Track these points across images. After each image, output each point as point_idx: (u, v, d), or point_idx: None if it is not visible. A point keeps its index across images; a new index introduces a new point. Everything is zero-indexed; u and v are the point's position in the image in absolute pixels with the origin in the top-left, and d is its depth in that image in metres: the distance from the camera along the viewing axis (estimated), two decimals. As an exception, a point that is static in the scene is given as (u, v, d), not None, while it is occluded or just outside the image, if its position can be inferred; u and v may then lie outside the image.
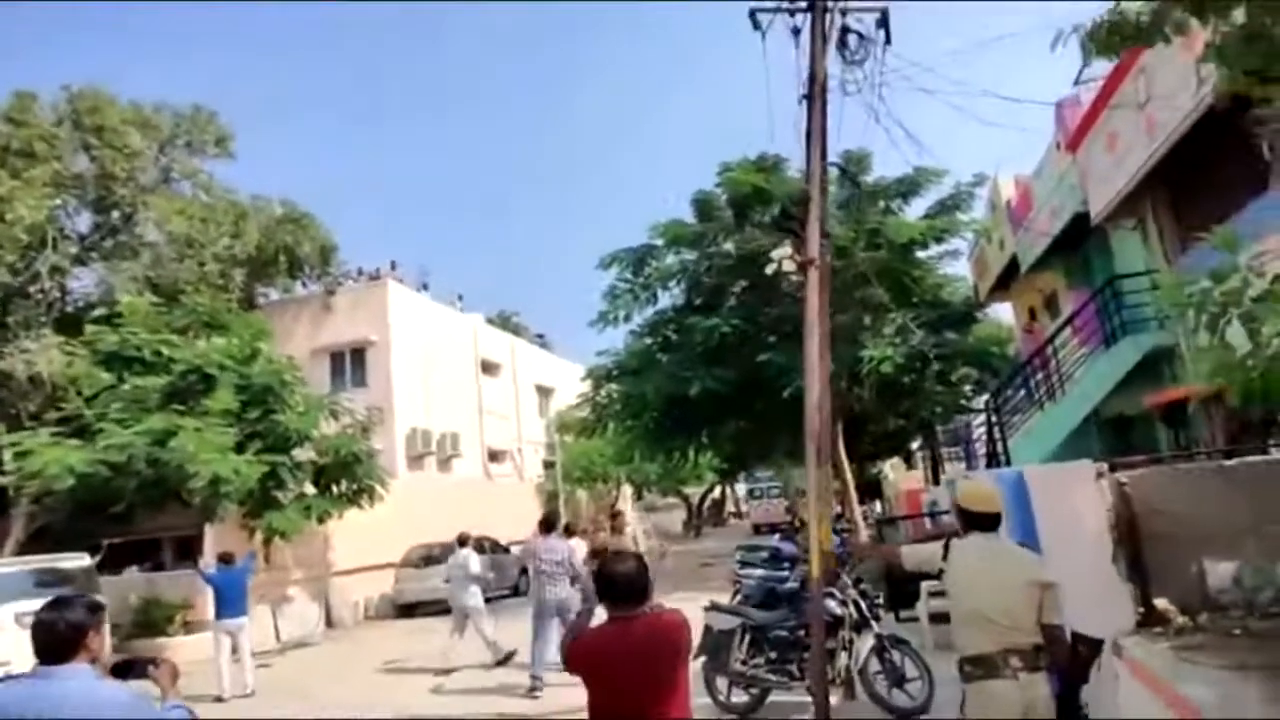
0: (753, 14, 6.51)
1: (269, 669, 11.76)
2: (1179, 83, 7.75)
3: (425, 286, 25.88)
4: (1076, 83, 11.29)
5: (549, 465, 29.95)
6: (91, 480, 12.22)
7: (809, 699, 6.35)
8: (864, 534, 15.34)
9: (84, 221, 18.85)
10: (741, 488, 58.37)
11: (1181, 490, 4.93)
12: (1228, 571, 4.53)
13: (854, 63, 6.48)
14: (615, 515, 11.99)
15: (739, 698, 6.60)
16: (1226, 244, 3.52)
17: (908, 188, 16.21)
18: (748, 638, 6.54)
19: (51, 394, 17.30)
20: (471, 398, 26.17)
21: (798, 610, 6.61)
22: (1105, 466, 4.89)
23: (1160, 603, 4.60)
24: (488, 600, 11.17)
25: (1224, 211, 8.75)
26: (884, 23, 6.45)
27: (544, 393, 32.54)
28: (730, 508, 56.84)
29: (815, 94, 6.13)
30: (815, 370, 6.02)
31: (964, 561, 3.56)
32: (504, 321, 39.77)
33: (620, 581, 2.71)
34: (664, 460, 28.19)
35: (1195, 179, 9.39)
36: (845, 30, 6.44)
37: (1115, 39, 4.56)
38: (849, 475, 17.90)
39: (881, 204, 16.58)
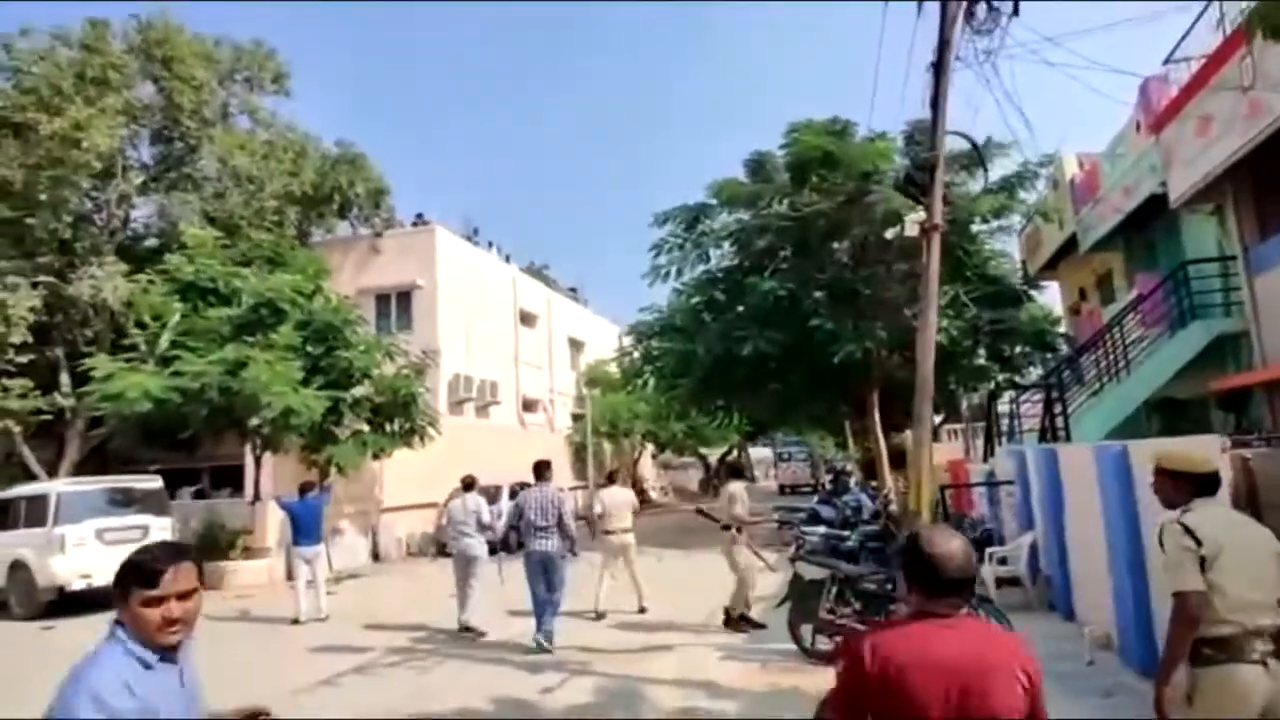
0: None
1: (334, 596, 12.25)
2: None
3: (475, 233, 25.98)
4: (1166, 62, 11.19)
5: (577, 418, 30.38)
6: (166, 406, 12.58)
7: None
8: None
9: (147, 151, 19.01)
10: (754, 451, 58.93)
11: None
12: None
13: (981, 32, 6.52)
14: (612, 475, 10.68)
15: (824, 646, 6.91)
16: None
17: (974, 159, 16.09)
18: (835, 589, 6.82)
19: (112, 320, 17.73)
20: (509, 347, 26.46)
21: (884, 562, 6.88)
22: (1228, 442, 5.07)
23: None
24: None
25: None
26: (1014, -7, 6.46)
27: (576, 346, 32.83)
28: (746, 471, 57.33)
29: (945, 62, 6.19)
30: (931, 335, 6.17)
31: (1208, 531, 2.94)
32: (536, 274, 39.90)
33: (945, 565, 1.93)
34: (696, 419, 28.60)
35: (1284, 166, 9.37)
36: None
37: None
38: (882, 443, 18.16)
39: (945, 179, 16.51)
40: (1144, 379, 11.48)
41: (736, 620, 8.45)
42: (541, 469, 8.57)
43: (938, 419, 26.26)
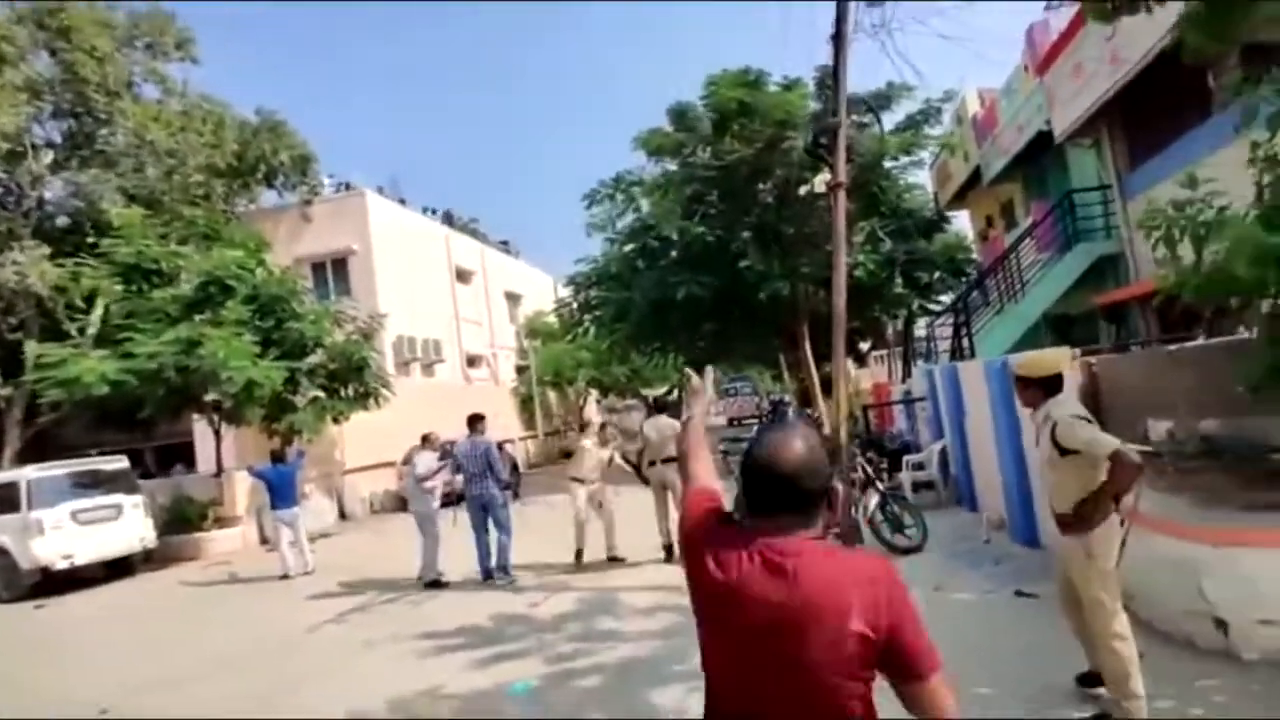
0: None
1: (313, 554, 12.92)
2: (1143, 21, 8.83)
3: (402, 201, 26.01)
4: (1047, 8, 12.26)
5: (520, 370, 31.07)
6: (123, 388, 12.82)
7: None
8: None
9: (53, 128, 18.43)
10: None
11: (1133, 370, 6.35)
12: (1164, 428, 5.99)
13: (874, 3, 7.37)
14: (583, 425, 10.74)
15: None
16: (1190, 182, 4.72)
17: (880, 102, 17.09)
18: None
19: (39, 306, 17.51)
20: (447, 305, 26.80)
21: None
22: (1078, 352, 6.23)
23: (1114, 453, 6.04)
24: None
25: (1169, 134, 10.07)
26: (901, -31, 7.31)
27: (513, 299, 33.27)
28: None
29: (843, 34, 7.05)
30: (842, 274, 7.15)
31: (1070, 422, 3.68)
32: (466, 229, 39.82)
33: (760, 474, 1.55)
34: (637, 362, 29.64)
35: (1148, 105, 10.62)
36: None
37: (1106, 5, 5.63)
38: (814, 373, 19.50)
39: (854, 118, 17.48)
40: (1037, 298, 12.87)
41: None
42: (474, 421, 9.19)
43: (865, 346, 27.97)
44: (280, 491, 11.09)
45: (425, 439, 10.29)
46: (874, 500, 7.74)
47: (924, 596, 6.25)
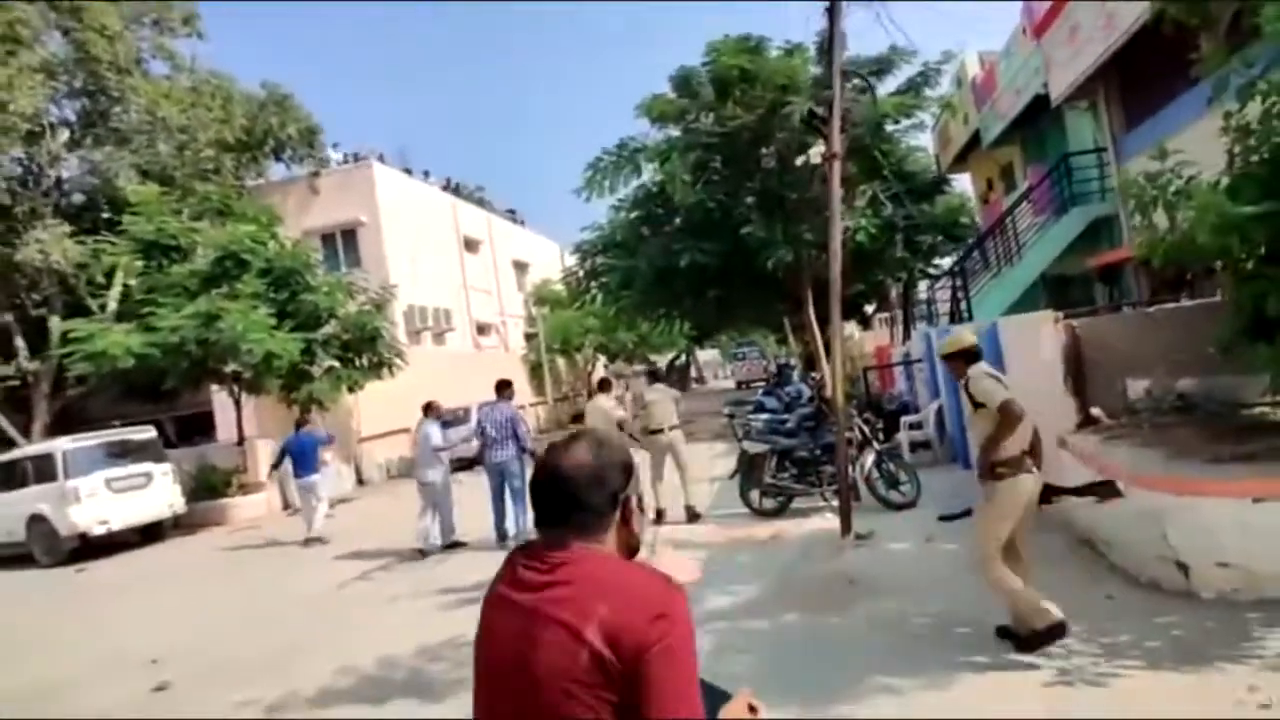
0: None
1: (333, 519, 13.47)
2: (1135, -13, 8.98)
3: (408, 171, 26.19)
4: (1045, -29, 12.32)
5: (529, 337, 31.47)
6: (148, 360, 13.27)
7: (820, 503, 8.27)
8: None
9: (68, 106, 18.74)
10: (702, 354, 61.15)
11: (1114, 331, 6.68)
12: (1141, 386, 6.34)
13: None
14: (604, 383, 10.39)
15: (769, 505, 8.46)
16: (1161, 154, 5.00)
17: (881, 66, 17.14)
18: (775, 458, 8.34)
19: (61, 282, 17.96)
20: (456, 274, 27.13)
21: (816, 435, 8.40)
22: (1060, 315, 6.56)
23: (1094, 411, 6.41)
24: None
25: (1163, 98, 10.24)
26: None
27: (520, 268, 33.55)
28: (694, 373, 59.51)
29: (838, 9, 7.27)
30: (837, 243, 7.46)
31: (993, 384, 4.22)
32: (473, 198, 39.97)
33: (535, 484, 1.46)
34: (645, 328, 29.98)
35: (1142, 68, 10.76)
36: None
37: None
38: (818, 336, 19.82)
39: (855, 82, 17.53)
40: (1033, 261, 13.13)
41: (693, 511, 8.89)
42: (501, 387, 9.29)
43: (870, 309, 28.20)
44: (300, 460, 11.53)
45: (428, 408, 9.97)
46: (870, 459, 8.13)
47: (915, 548, 6.68)
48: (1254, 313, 4.82)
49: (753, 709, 1.46)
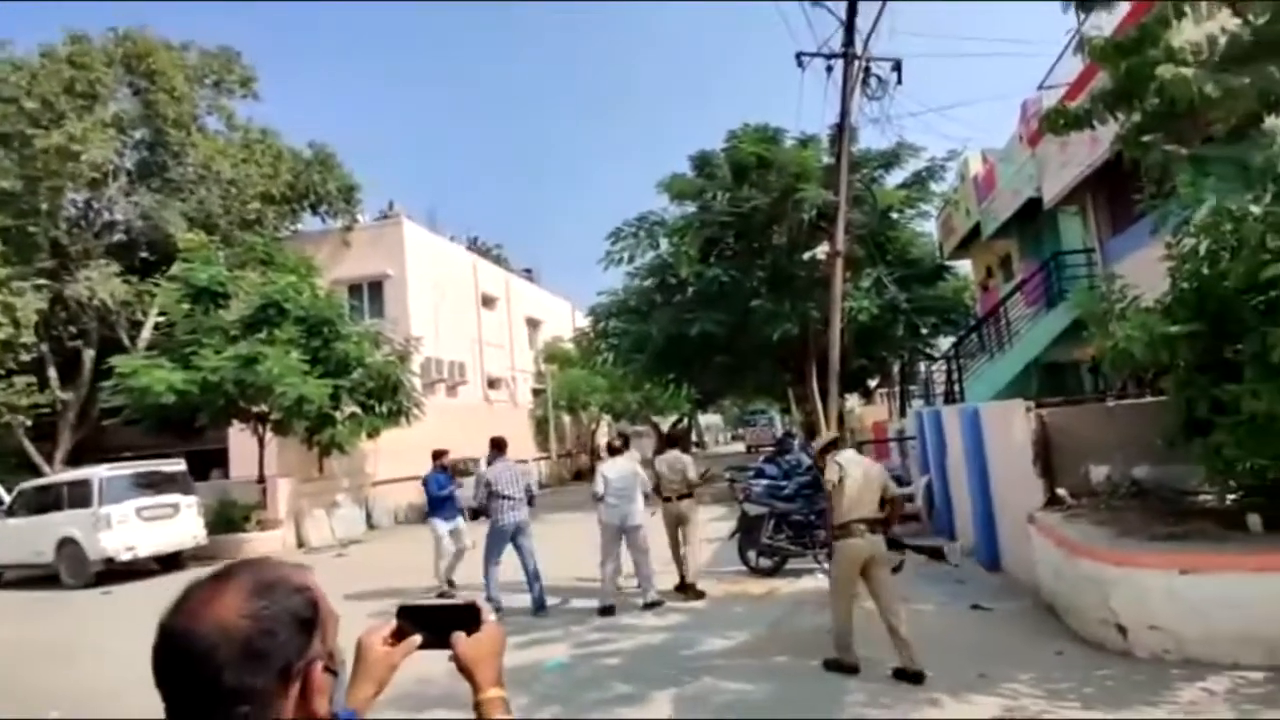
0: (798, 56, 8.57)
1: (345, 558, 14.09)
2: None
3: (435, 228, 27.49)
4: (1040, 88, 13.50)
5: (538, 392, 32.30)
6: (187, 397, 14.08)
7: (813, 565, 8.92)
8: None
9: (128, 158, 20.01)
10: (704, 419, 61.76)
11: (1079, 420, 7.46)
12: (1102, 472, 7.09)
13: (874, 99, 8.62)
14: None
15: (765, 564, 9.12)
16: (1108, 279, 5.87)
17: (889, 159, 18.39)
18: (773, 521, 9.03)
19: (101, 318, 18.96)
20: (472, 329, 28.12)
21: (812, 502, 9.11)
22: (1032, 404, 7.35)
23: (1060, 491, 7.15)
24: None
25: (1143, 209, 11.20)
26: (897, 69, 8.57)
27: (533, 325, 34.60)
28: (694, 437, 59.94)
29: (845, 126, 8.28)
30: (836, 330, 8.31)
31: (844, 461, 5.61)
32: (490, 255, 41.37)
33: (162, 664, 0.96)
34: (652, 390, 30.83)
35: (1124, 181, 11.77)
36: (868, 73, 8.55)
37: (1059, 122, 6.84)
38: (820, 407, 20.61)
39: (864, 172, 18.77)
40: (1023, 349, 13.96)
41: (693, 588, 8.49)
42: (500, 444, 8.76)
43: (873, 384, 29.02)
44: (437, 501, 10.21)
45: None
46: (860, 526, 8.82)
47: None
48: (1188, 412, 5.61)
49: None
